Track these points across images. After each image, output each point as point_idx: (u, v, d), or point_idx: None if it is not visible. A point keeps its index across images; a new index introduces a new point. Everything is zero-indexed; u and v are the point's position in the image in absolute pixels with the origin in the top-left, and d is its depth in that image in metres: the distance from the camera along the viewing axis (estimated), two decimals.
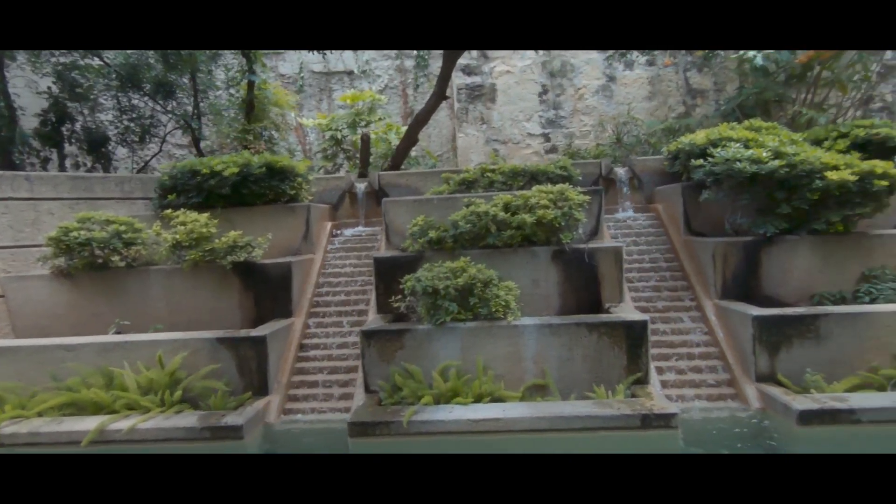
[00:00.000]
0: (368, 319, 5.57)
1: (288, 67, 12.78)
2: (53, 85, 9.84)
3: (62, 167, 10.16)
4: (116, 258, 5.78)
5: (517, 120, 11.79)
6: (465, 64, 11.59)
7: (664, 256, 6.38)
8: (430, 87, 11.58)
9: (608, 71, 11.61)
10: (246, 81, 9.73)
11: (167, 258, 5.97)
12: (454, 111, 12.05)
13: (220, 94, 10.97)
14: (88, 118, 10.41)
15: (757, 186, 5.45)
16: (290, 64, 12.76)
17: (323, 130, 11.14)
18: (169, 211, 6.17)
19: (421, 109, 9.51)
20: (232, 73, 10.64)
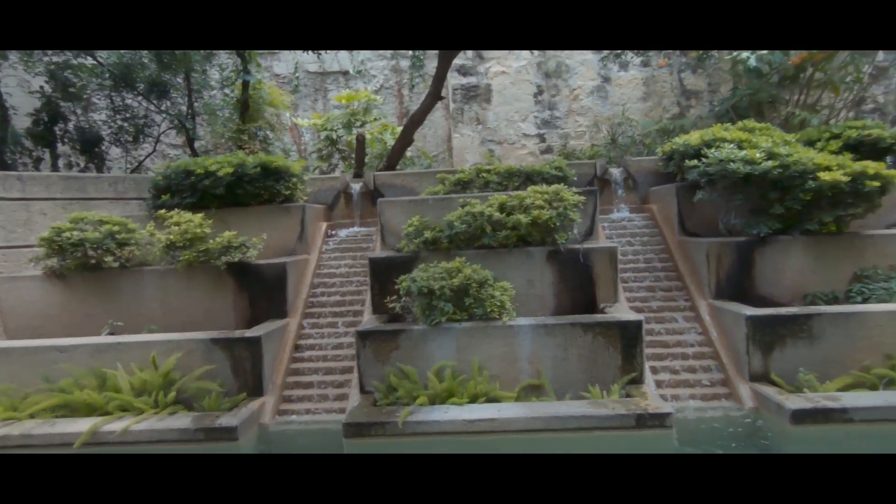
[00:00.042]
0: (364, 320, 5.56)
1: (283, 67, 12.75)
2: (46, 84, 9.78)
3: (55, 167, 10.09)
4: (110, 259, 5.74)
5: (512, 120, 11.81)
6: (460, 64, 11.60)
7: (659, 257, 6.41)
8: (425, 87, 11.58)
9: (603, 72, 11.65)
10: (241, 81, 9.71)
11: (161, 259, 5.94)
12: (449, 111, 12.05)
13: (214, 93, 10.94)
14: (81, 118, 10.35)
15: (750, 187, 5.48)
16: (285, 64, 12.73)
17: (318, 131, 11.13)
18: (163, 211, 6.14)
19: (416, 110, 9.52)
20: (226, 72, 10.62)
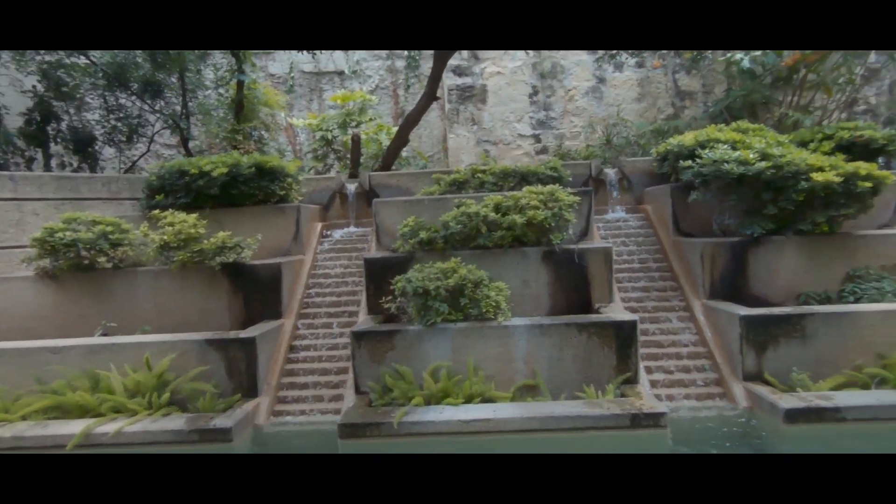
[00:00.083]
0: (359, 320, 5.55)
1: (278, 67, 12.71)
2: (38, 83, 9.71)
3: (47, 167, 10.02)
4: (103, 259, 5.71)
5: (508, 121, 11.82)
6: (455, 65, 11.61)
7: (653, 257, 6.43)
8: (420, 87, 11.58)
9: (598, 72, 11.68)
10: (235, 81, 9.66)
11: (155, 259, 5.91)
12: (445, 112, 12.05)
13: (209, 93, 10.89)
14: (74, 117, 10.29)
15: (744, 187, 5.51)
16: (280, 64, 12.69)
17: (313, 131, 11.10)
18: (157, 211, 6.11)
19: (412, 110, 9.51)
20: (221, 72, 10.56)
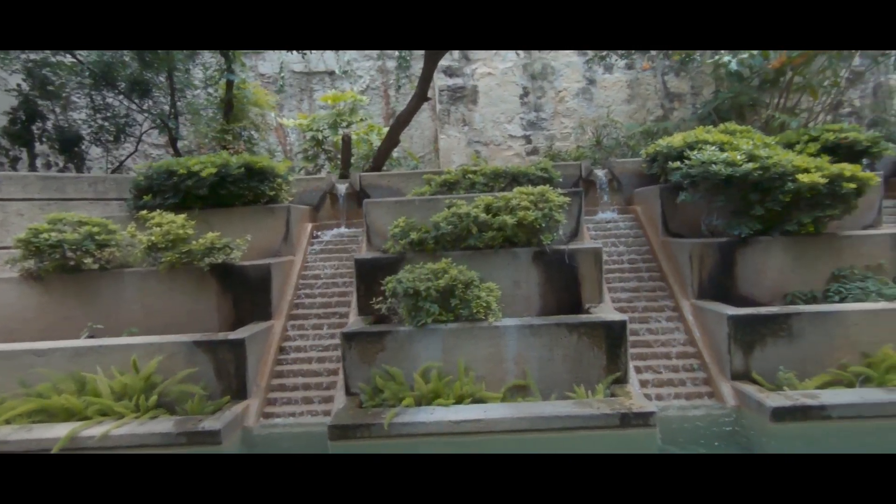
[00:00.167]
0: (349, 321, 5.53)
1: (268, 67, 12.63)
2: (23, 82, 9.55)
3: (32, 167, 9.87)
4: (89, 260, 5.63)
5: (499, 122, 11.85)
6: (446, 65, 11.62)
7: (642, 257, 6.47)
8: (411, 88, 11.57)
9: (588, 74, 11.75)
10: (224, 81, 9.58)
11: (142, 260, 5.84)
12: (436, 112, 12.06)
13: (198, 93, 10.78)
14: (60, 116, 10.14)
15: (732, 188, 5.57)
16: (270, 63, 12.61)
17: (304, 131, 11.04)
18: (144, 212, 6.04)
19: (402, 110, 9.50)
20: (210, 71, 10.47)
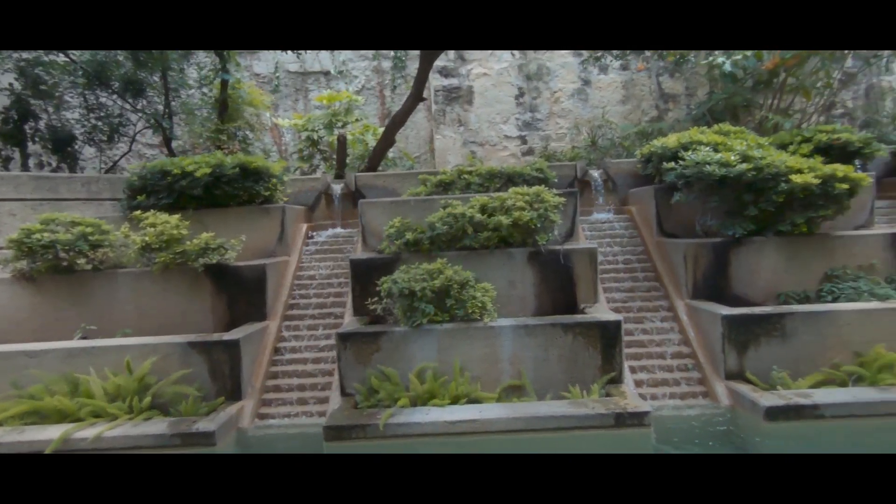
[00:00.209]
0: (344, 322, 5.51)
1: (263, 67, 12.60)
2: (15, 81, 9.49)
3: (25, 167, 9.80)
4: (82, 261, 5.59)
5: (494, 122, 11.86)
6: (442, 66, 11.62)
7: (637, 257, 6.50)
8: (407, 88, 11.57)
9: (583, 74, 11.79)
10: (219, 80, 9.55)
11: (136, 261, 5.81)
12: (431, 113, 12.06)
13: (192, 93, 10.75)
14: (53, 116, 10.07)
15: (726, 189, 5.59)
16: (265, 63, 12.58)
17: (299, 131, 11.02)
18: (138, 212, 6.01)
19: (398, 111, 9.49)
20: (205, 71, 10.45)
